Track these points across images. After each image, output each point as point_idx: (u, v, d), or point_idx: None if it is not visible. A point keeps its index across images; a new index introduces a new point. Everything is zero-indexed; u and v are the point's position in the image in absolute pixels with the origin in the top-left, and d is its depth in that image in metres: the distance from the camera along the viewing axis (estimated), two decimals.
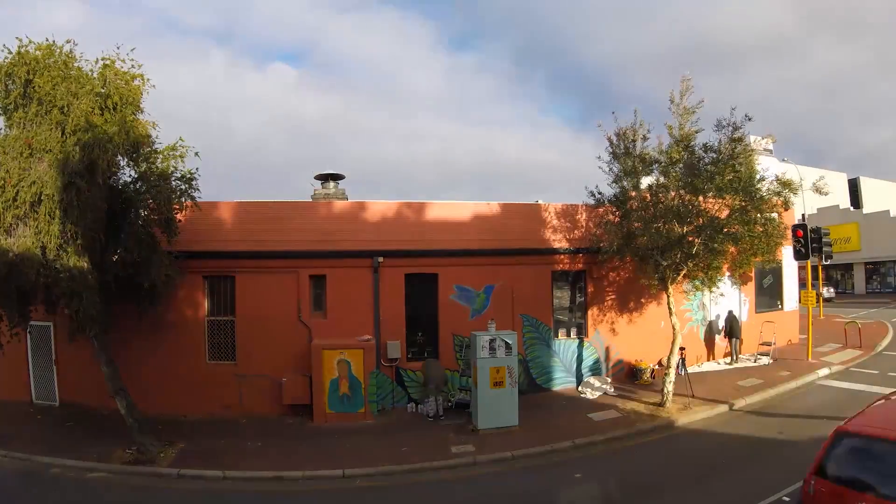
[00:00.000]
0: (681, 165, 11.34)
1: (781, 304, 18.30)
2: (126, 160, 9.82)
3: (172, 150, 10.05)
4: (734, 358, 15.65)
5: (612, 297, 14.59)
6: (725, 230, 11.14)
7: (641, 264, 12.51)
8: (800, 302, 18.10)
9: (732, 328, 15.81)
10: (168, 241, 10.33)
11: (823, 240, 15.90)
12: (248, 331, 12.49)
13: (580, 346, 14.33)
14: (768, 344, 16.26)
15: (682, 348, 12.32)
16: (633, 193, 11.88)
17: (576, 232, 14.17)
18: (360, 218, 13.19)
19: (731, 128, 10.93)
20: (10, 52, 8.85)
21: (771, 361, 15.46)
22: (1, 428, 10.74)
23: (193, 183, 10.43)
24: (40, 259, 8.50)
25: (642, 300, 14.70)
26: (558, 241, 14.04)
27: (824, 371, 14.13)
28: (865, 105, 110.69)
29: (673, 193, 11.49)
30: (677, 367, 12.20)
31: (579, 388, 13.67)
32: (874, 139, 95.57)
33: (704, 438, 10.11)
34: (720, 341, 16.27)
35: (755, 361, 15.60)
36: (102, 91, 9.33)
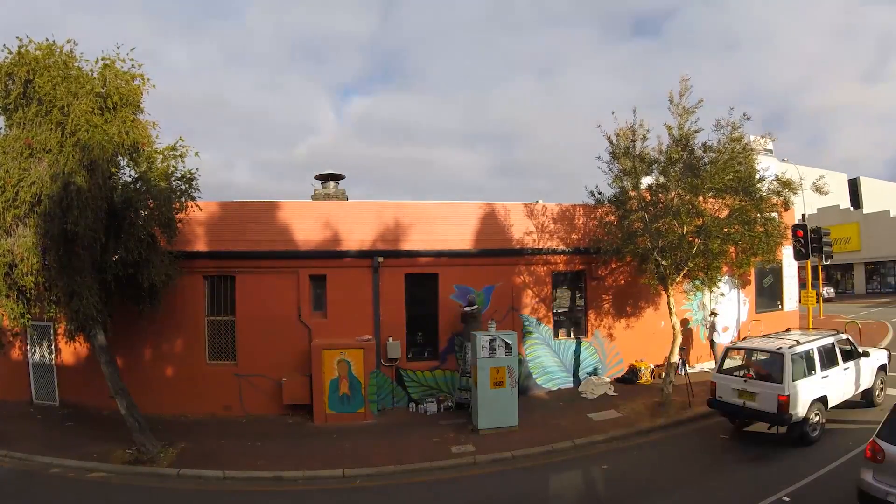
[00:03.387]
0: (680, 165, 11.34)
1: (781, 304, 18.30)
2: (126, 160, 9.80)
3: (172, 150, 10.03)
4: None
5: (612, 297, 14.59)
6: (725, 230, 11.14)
7: (641, 264, 12.49)
8: (800, 302, 18.11)
9: None
10: (168, 241, 10.32)
11: (823, 240, 15.92)
12: (248, 331, 12.49)
13: (580, 346, 14.32)
14: None
15: (682, 348, 12.31)
16: (633, 193, 11.87)
17: (575, 233, 14.17)
18: (360, 218, 13.18)
19: (729, 127, 10.97)
20: (11, 52, 8.82)
21: None
22: (1, 427, 10.74)
23: (193, 183, 10.41)
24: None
25: (642, 300, 14.69)
26: (558, 242, 14.03)
27: None
28: None
29: (673, 193, 11.49)
30: (677, 367, 12.20)
31: (579, 389, 13.66)
32: None
33: (705, 438, 10.11)
34: None
35: None
36: (102, 91, 9.30)
